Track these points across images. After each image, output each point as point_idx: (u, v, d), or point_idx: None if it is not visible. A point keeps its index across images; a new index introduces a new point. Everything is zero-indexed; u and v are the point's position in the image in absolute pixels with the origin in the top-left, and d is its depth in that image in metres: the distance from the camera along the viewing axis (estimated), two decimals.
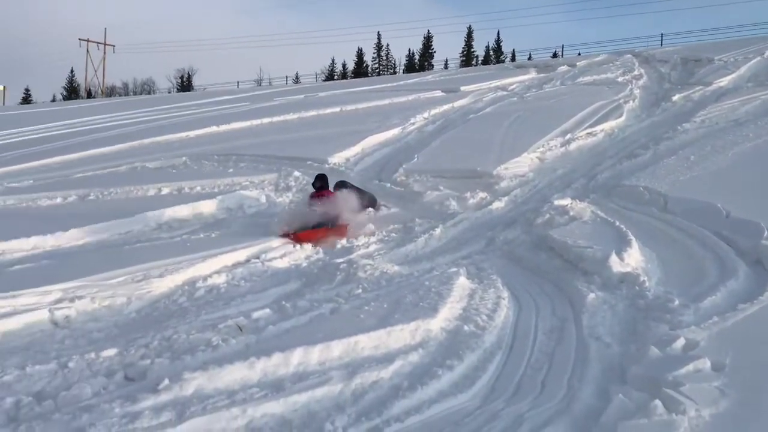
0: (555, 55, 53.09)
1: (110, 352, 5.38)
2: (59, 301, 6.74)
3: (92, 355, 5.31)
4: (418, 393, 4.73)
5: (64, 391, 4.68)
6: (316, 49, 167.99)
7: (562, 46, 69.24)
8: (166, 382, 4.50)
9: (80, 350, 5.57)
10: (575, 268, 7.50)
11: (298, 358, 4.98)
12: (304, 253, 8.96)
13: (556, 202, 9.92)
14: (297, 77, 67.81)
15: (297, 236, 9.30)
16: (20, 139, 20.10)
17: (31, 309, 6.60)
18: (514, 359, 5.54)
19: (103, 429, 3.96)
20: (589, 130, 16.32)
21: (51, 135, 20.64)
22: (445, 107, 21.02)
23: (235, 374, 4.70)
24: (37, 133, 21.18)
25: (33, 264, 7.79)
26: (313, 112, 21.72)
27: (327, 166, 14.04)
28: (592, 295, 6.54)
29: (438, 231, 9.75)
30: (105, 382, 4.84)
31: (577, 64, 31.28)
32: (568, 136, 15.74)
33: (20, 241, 8.59)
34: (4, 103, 58.51)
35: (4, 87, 62.83)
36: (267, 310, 6.33)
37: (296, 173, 13.02)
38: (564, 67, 30.63)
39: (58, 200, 11.56)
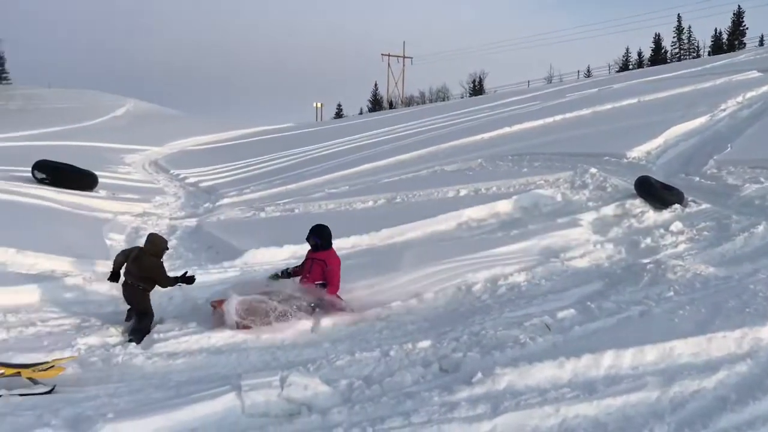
0: None
1: (424, 343, 5.81)
2: None
3: (409, 345, 5.79)
4: (749, 407, 4.29)
5: (388, 377, 5.15)
6: (608, 40, 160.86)
7: None
8: (479, 375, 4.70)
9: (398, 340, 6.11)
10: None
11: (609, 361, 4.85)
12: (605, 252, 8.67)
13: None
14: (588, 71, 65.78)
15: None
16: (335, 150, 22.62)
17: None
18: None
19: (425, 415, 4.26)
20: None
21: (360, 145, 22.89)
22: (764, 89, 18.69)
23: (545, 372, 4.73)
24: (349, 144, 23.63)
25: (353, 261, 8.71)
26: (608, 106, 20.87)
27: (625, 160, 13.38)
28: None
29: (761, 228, 8.70)
30: (423, 372, 5.24)
31: None
32: None
33: (342, 240, 9.68)
34: (321, 119, 66.11)
35: (321, 104, 70.94)
36: (571, 310, 6.25)
37: (592, 170, 12.59)
38: None
39: (370, 203, 12.74)
